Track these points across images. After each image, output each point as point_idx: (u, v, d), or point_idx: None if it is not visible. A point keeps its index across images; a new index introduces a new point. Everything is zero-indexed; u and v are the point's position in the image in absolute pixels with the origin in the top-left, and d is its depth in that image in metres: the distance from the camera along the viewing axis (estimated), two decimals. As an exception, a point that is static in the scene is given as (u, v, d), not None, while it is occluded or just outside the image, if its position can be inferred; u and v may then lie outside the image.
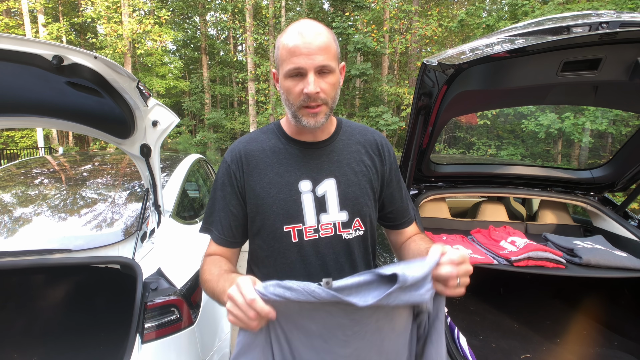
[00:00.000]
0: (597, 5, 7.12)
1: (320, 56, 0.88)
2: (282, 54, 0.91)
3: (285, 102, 0.94)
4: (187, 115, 20.43)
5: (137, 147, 1.60)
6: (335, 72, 0.93)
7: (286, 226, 0.96)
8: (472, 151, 9.92)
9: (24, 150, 13.79)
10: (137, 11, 16.07)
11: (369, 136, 1.08)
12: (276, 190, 0.96)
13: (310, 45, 0.87)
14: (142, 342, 1.41)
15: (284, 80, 0.92)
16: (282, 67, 0.91)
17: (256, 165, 0.99)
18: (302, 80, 0.89)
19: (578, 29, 1.20)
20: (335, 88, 0.94)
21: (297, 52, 0.88)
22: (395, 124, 10.65)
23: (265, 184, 0.97)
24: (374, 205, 1.05)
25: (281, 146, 1.01)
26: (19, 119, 1.46)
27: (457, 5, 18.89)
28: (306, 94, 0.88)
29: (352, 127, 1.09)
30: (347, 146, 1.04)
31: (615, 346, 1.93)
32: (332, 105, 0.94)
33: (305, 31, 0.89)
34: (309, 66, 0.88)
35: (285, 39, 0.91)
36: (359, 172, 1.02)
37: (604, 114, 6.59)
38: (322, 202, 0.97)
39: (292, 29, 0.92)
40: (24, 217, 1.99)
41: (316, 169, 0.98)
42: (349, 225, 0.99)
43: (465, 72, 1.44)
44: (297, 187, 0.96)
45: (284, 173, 0.98)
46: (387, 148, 1.09)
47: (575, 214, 2.65)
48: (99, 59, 1.12)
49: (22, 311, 2.02)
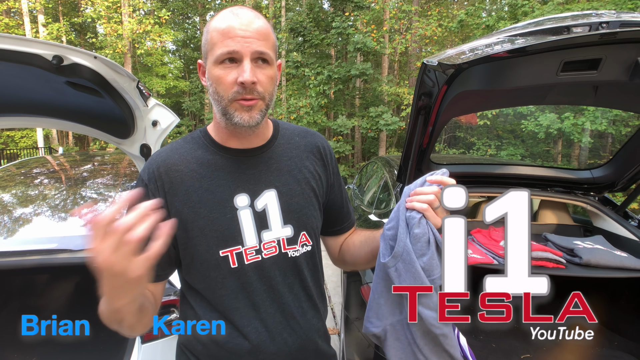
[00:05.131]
0: (597, 5, 7.12)
1: (259, 41, 0.76)
2: (212, 36, 0.77)
3: (213, 95, 0.79)
4: (187, 115, 20.41)
5: (137, 147, 1.60)
6: (274, 65, 0.81)
7: (222, 250, 0.81)
8: (472, 151, 9.92)
9: (24, 150, 13.79)
10: (137, 11, 16.07)
11: (310, 139, 0.95)
12: (207, 210, 0.81)
13: (247, 27, 0.75)
14: (142, 342, 1.41)
15: (213, 68, 0.77)
16: (212, 52, 0.77)
17: (180, 182, 0.82)
18: (236, 68, 0.76)
19: (578, 29, 1.20)
20: (273, 82, 0.81)
21: (231, 33, 0.75)
22: (395, 124, 10.65)
23: (193, 204, 0.81)
24: (319, 215, 0.94)
25: (210, 156, 0.85)
26: (19, 119, 1.47)
27: (457, 6, 18.89)
28: (240, 83, 0.75)
29: (290, 129, 0.96)
30: (287, 151, 0.90)
31: (615, 346, 1.93)
32: (268, 102, 0.80)
33: (242, 13, 0.77)
34: (245, 51, 0.75)
35: (217, 21, 0.78)
36: (301, 179, 0.89)
37: (604, 114, 6.59)
38: (263, 217, 0.84)
39: (225, 11, 0.79)
40: (24, 217, 1.99)
41: (253, 180, 0.84)
42: (295, 241, 0.87)
43: (465, 72, 1.44)
44: (232, 203, 0.82)
45: (216, 188, 0.82)
46: (329, 151, 0.98)
47: (575, 214, 2.65)
48: (99, 59, 1.12)
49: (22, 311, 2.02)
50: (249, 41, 0.75)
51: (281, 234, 0.86)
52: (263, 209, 0.85)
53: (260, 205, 0.84)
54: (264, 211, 0.85)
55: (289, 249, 0.87)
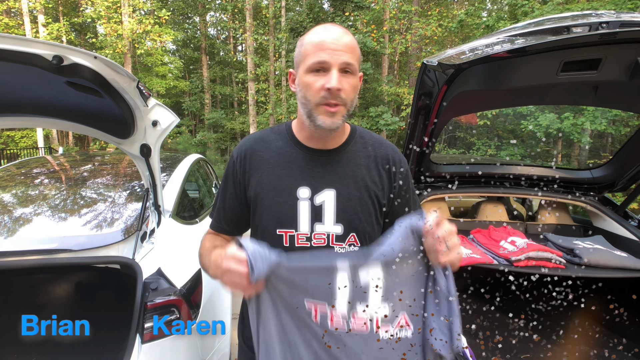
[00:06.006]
0: (597, 5, 7.12)
1: (346, 54, 0.87)
2: (306, 49, 0.90)
3: (302, 100, 0.92)
4: (187, 115, 20.42)
5: (137, 147, 1.59)
6: (357, 75, 0.92)
7: (279, 230, 0.95)
8: (472, 151, 9.92)
9: (24, 150, 13.79)
10: (137, 11, 16.07)
11: (382, 150, 1.03)
12: (273, 193, 0.96)
13: (337, 42, 0.87)
14: (142, 342, 1.41)
15: (304, 76, 0.90)
16: (305, 62, 0.89)
17: (259, 165, 0.99)
18: (324, 76, 0.87)
19: (578, 29, 1.20)
20: (355, 91, 0.92)
21: (323, 46, 0.87)
22: (395, 124, 10.65)
23: (264, 185, 0.97)
24: (374, 223, 1.00)
25: (287, 149, 0.99)
26: (19, 119, 1.46)
27: (457, 6, 18.89)
28: (327, 89, 0.86)
29: (366, 138, 1.04)
30: (355, 158, 1.00)
31: (615, 346, 1.93)
32: (349, 109, 0.91)
33: (333, 29, 0.90)
34: (334, 62, 0.86)
35: (310, 36, 0.91)
36: (362, 187, 0.98)
37: (604, 114, 6.59)
38: (319, 211, 0.95)
39: (318, 27, 0.92)
40: (24, 217, 1.99)
41: (318, 178, 0.96)
42: (343, 240, 0.97)
43: (465, 72, 1.44)
44: (295, 193, 0.95)
45: (285, 177, 0.96)
46: (400, 164, 1.03)
47: (575, 214, 2.65)
48: (99, 59, 1.12)
49: (22, 311, 2.02)
50: (338, 53, 0.86)
51: (332, 230, 0.96)
52: (320, 204, 0.95)
53: (319, 201, 0.95)
54: (321, 206, 0.95)
55: (336, 244, 0.97)
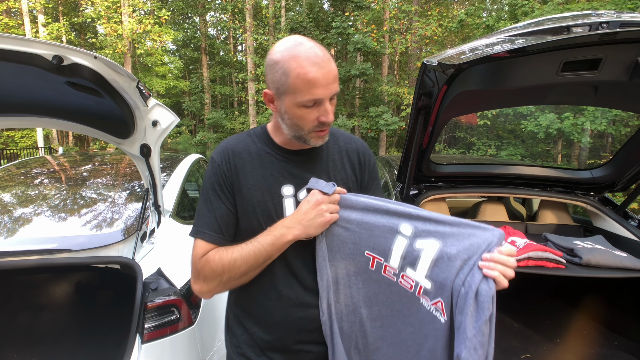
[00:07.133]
0: (597, 5, 7.12)
1: (335, 84, 0.92)
2: (296, 83, 0.88)
3: (292, 126, 0.96)
4: (187, 115, 20.43)
5: (137, 147, 1.59)
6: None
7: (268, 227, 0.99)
8: (472, 151, 9.92)
9: (24, 150, 13.80)
10: (137, 11, 16.07)
11: (352, 144, 1.12)
12: (260, 193, 1.00)
13: (328, 76, 0.90)
14: (142, 342, 1.41)
15: (295, 108, 0.92)
16: (296, 96, 0.90)
17: (242, 167, 1.02)
18: (317, 108, 0.92)
19: (578, 29, 1.20)
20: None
21: (317, 84, 0.88)
22: (395, 124, 10.65)
23: (250, 186, 1.01)
24: None
25: (268, 151, 1.04)
26: (19, 119, 1.46)
27: (457, 5, 18.89)
28: (323, 122, 0.93)
29: (336, 135, 1.12)
30: (330, 154, 1.08)
31: (615, 346, 1.94)
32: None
33: (320, 61, 0.89)
34: (327, 96, 0.91)
35: (297, 67, 0.88)
36: (339, 179, 1.06)
37: (604, 114, 6.59)
38: None
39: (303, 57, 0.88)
40: (24, 217, 1.99)
41: (299, 176, 1.03)
42: None
43: (465, 72, 1.44)
44: (279, 191, 1.01)
45: (268, 177, 1.02)
46: (368, 157, 1.14)
47: (575, 214, 2.65)
48: (98, 59, 1.12)
49: (22, 311, 2.02)
50: (330, 87, 0.91)
51: None
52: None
53: (302, 196, 1.02)
54: None
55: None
